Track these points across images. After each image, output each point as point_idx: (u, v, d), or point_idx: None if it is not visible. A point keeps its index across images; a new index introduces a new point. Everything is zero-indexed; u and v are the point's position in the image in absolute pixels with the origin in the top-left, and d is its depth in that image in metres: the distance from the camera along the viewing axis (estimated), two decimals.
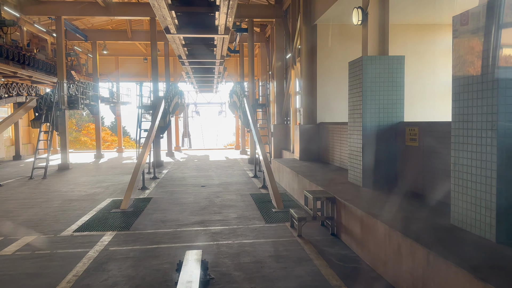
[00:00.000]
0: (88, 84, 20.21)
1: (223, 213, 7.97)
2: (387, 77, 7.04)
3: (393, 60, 7.07)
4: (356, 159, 7.27)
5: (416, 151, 6.40)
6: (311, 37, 12.20)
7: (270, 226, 6.92)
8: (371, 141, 7.02)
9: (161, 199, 9.61)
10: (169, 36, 9.48)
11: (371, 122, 7.02)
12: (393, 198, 6.10)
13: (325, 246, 5.76)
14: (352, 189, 6.90)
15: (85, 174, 14.68)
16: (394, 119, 7.08)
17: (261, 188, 10.82)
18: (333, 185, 7.43)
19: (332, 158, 10.74)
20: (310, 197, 6.37)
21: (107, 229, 6.97)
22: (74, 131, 50.87)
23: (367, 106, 6.99)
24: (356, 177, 7.32)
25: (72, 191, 10.98)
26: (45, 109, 15.27)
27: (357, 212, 5.43)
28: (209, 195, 9.95)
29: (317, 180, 8.09)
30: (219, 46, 11.26)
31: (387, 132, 7.04)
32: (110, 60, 27.09)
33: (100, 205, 9.08)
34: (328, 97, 12.07)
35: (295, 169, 10.00)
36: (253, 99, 17.25)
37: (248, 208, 8.46)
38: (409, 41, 11.70)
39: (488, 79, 3.95)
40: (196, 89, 29.67)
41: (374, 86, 7.00)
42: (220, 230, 6.73)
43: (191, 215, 7.88)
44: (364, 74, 6.98)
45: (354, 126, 7.33)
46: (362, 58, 7.00)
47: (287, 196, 9.62)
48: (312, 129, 12.05)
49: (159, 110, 13.92)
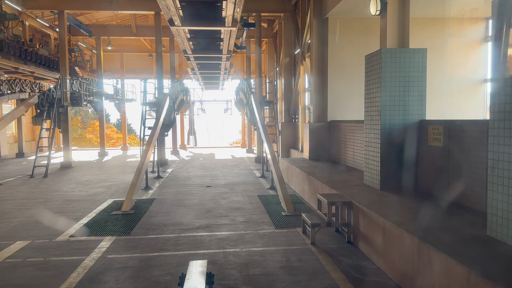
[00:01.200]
0: (92, 80, 19.81)
1: (229, 217, 7.49)
2: (408, 71, 6.51)
3: (414, 53, 6.53)
4: (374, 160, 6.75)
5: (440, 152, 5.87)
6: (322, 31, 11.65)
7: (281, 232, 6.43)
8: (390, 141, 6.50)
9: (165, 200, 9.16)
10: (174, 29, 8.99)
11: (390, 120, 6.50)
12: (416, 204, 5.58)
13: (342, 256, 5.26)
14: (369, 193, 6.38)
15: (87, 173, 14.28)
16: (415, 117, 6.54)
17: (269, 189, 10.33)
18: (348, 187, 6.92)
19: (344, 158, 10.21)
20: (325, 202, 5.87)
21: (106, 233, 6.52)
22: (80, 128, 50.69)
23: (386, 103, 6.47)
24: (373, 179, 6.80)
25: (73, 191, 10.57)
26: (47, 106, 14.88)
27: (378, 219, 4.92)
28: (214, 196, 9.48)
29: (329, 181, 7.58)
30: (226, 39, 10.75)
31: (408, 131, 6.52)
32: (115, 56, 26.68)
33: (100, 206, 8.64)
34: (340, 94, 11.52)
35: (305, 169, 9.49)
36: (260, 96, 16.74)
37: (256, 211, 7.98)
38: (425, 35, 11.11)
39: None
40: (201, 86, 29.22)
41: (393, 81, 6.47)
42: (227, 236, 6.25)
43: (195, 218, 7.41)
44: (383, 68, 6.45)
45: (371, 125, 6.81)
46: (381, 51, 6.47)
47: (296, 198, 9.12)
48: (322, 128, 11.53)
49: (163, 107, 13.46)
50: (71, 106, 16.60)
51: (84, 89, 17.44)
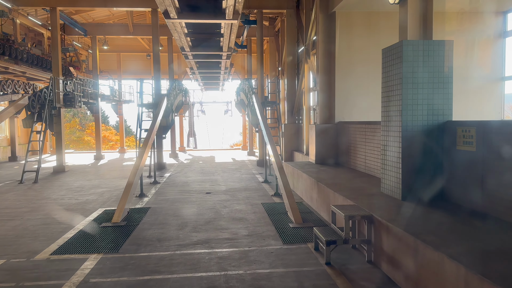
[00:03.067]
0: (88, 81, 19.08)
1: (231, 229, 6.73)
2: (432, 66, 5.76)
3: (439, 46, 5.79)
4: (393, 166, 6.00)
5: (472, 157, 5.11)
6: (329, 27, 10.91)
7: (289, 249, 5.67)
8: (412, 145, 5.75)
9: (160, 209, 8.40)
10: (169, 22, 8.24)
11: (413, 121, 5.74)
12: (448, 218, 4.81)
13: (364, 280, 4.51)
14: (390, 204, 5.63)
15: (80, 178, 13.53)
16: (440, 117, 5.79)
17: (274, 196, 9.58)
18: (364, 197, 6.17)
19: (354, 163, 9.46)
20: (341, 215, 5.12)
21: (92, 250, 5.77)
22: (78, 130, 49.98)
23: (408, 101, 5.72)
24: (393, 188, 6.04)
25: (62, 199, 9.82)
26: (38, 107, 14.13)
27: (407, 238, 4.17)
28: (215, 205, 8.72)
29: (342, 189, 6.82)
30: (226, 35, 10.00)
31: (432, 133, 5.76)
32: (111, 56, 25.94)
33: (89, 217, 7.88)
34: (348, 93, 10.77)
35: (313, 174, 8.74)
36: (262, 97, 16.00)
37: (260, 221, 7.22)
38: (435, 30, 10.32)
39: None
40: (201, 86, 28.49)
41: (416, 77, 5.72)
42: (229, 253, 5.49)
43: (193, 231, 6.65)
44: (404, 63, 5.70)
45: (390, 126, 6.06)
46: (402, 43, 5.72)
47: (304, 206, 8.37)
48: (330, 129, 10.78)
49: (160, 108, 12.73)
50: (64, 107, 15.86)
51: (78, 90, 16.70)
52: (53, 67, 15.50)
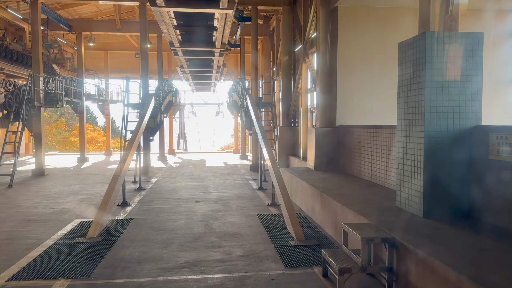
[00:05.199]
0: (71, 79, 18.04)
1: (224, 247, 5.85)
2: (459, 62, 4.97)
3: (467, 39, 5.00)
4: (413, 178, 5.18)
5: (510, 169, 4.33)
6: (331, 22, 10.11)
7: (293, 274, 4.80)
8: (436, 153, 4.94)
9: (144, 221, 7.48)
10: (156, 11, 7.34)
11: (437, 125, 4.94)
12: (488, 243, 4.00)
13: None
14: (412, 222, 4.81)
15: (60, 183, 12.52)
16: (467, 121, 5.00)
17: (270, 206, 8.72)
18: (378, 212, 5.35)
19: (358, 170, 8.66)
20: (356, 237, 4.28)
21: (58, 275, 4.84)
22: (65, 131, 48.69)
23: (432, 103, 4.91)
24: (412, 202, 5.23)
25: (35, 207, 8.84)
26: (15, 106, 13.11)
27: (446, 272, 3.34)
28: (205, 216, 7.83)
29: (350, 202, 5.99)
30: (220, 28, 9.14)
31: (460, 140, 4.97)
32: (99, 54, 24.89)
33: (62, 230, 6.94)
34: (351, 94, 9.98)
35: (314, 183, 7.91)
36: (256, 98, 15.16)
37: (257, 237, 6.36)
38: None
39: None
40: (192, 86, 27.54)
41: (441, 75, 4.93)
42: (221, 281, 4.61)
43: (180, 250, 5.76)
44: (427, 58, 4.90)
45: (409, 131, 5.24)
46: (425, 35, 4.92)
47: (304, 219, 7.52)
48: (330, 133, 9.97)
49: (147, 108, 11.82)
50: (44, 106, 14.82)
51: (60, 88, 15.67)
52: (33, 63, 14.48)
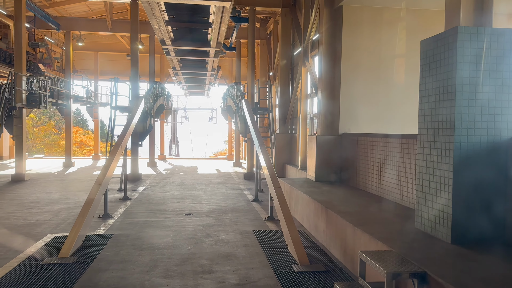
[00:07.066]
0: (58, 80, 17.16)
1: (216, 273, 5.05)
2: (496, 62, 4.28)
3: (504, 36, 4.31)
4: (437, 196, 4.44)
5: None
6: (334, 24, 9.43)
7: None
8: (468, 168, 4.22)
9: (126, 237, 6.65)
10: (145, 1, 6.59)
11: (469, 136, 4.22)
12: None
13: None
14: (440, 250, 4.06)
15: (40, 189, 11.62)
16: (503, 131, 4.29)
17: (267, 221, 7.94)
18: (398, 236, 4.59)
19: (364, 183, 7.92)
20: (380, 270, 3.52)
21: None
22: (53, 133, 47.64)
23: (463, 110, 4.20)
24: (437, 226, 4.48)
25: (8, 218, 7.97)
26: None
27: None
28: (195, 233, 7.01)
29: (363, 222, 5.23)
30: (215, 24, 8.41)
31: (495, 153, 4.25)
32: (88, 55, 24.04)
33: (32, 247, 6.09)
34: (356, 101, 9.27)
35: (317, 197, 7.15)
36: (252, 103, 14.45)
37: (253, 260, 5.56)
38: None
39: None
40: (185, 90, 26.76)
41: (474, 77, 4.23)
42: None
43: (164, 276, 4.94)
44: (459, 57, 4.20)
45: (435, 142, 4.51)
46: (457, 30, 4.22)
47: (306, 237, 6.75)
48: (333, 141, 9.25)
49: (136, 111, 11.03)
50: (27, 107, 13.95)
51: (45, 89, 14.80)
52: (15, 62, 13.63)
